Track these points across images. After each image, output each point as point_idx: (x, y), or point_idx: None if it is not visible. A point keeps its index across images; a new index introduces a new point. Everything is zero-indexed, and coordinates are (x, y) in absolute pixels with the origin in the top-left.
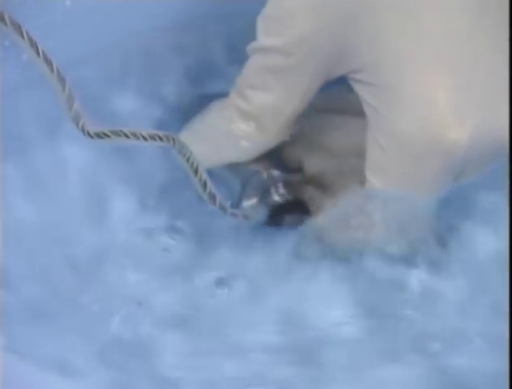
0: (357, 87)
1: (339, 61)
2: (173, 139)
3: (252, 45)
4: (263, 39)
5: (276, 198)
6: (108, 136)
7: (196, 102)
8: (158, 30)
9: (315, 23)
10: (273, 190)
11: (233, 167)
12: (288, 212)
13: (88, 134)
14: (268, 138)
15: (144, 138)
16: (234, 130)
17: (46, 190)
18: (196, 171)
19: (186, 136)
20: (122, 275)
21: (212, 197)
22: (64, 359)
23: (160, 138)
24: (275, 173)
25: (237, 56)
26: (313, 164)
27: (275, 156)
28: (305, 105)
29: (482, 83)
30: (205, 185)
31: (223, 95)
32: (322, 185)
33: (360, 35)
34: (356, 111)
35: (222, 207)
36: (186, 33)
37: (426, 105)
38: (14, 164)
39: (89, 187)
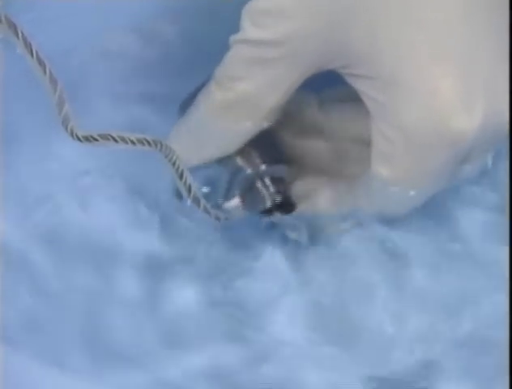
0: (355, 82)
1: (332, 55)
2: (161, 144)
3: (236, 36)
4: (251, 31)
5: (267, 198)
6: (97, 140)
7: (185, 98)
8: (150, 22)
9: (308, 17)
10: (260, 187)
11: (219, 162)
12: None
13: (77, 137)
14: (249, 129)
15: (132, 143)
16: (215, 124)
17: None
18: (181, 175)
19: (170, 136)
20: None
21: (196, 201)
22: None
23: (148, 143)
24: (263, 166)
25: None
26: (309, 150)
27: (264, 144)
28: (289, 97)
29: (484, 69)
30: (189, 189)
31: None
32: (317, 172)
33: (357, 28)
34: (353, 97)
35: (206, 211)
36: (176, 26)
37: (431, 94)
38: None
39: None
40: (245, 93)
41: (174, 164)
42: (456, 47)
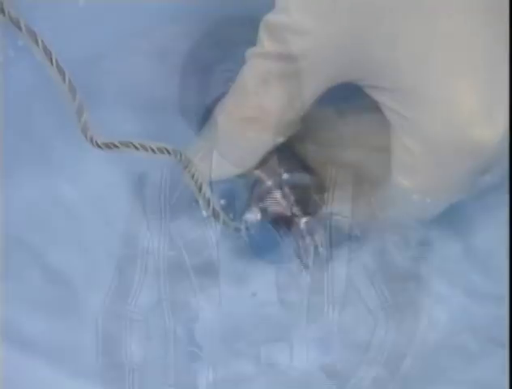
0: (376, 94)
1: (350, 69)
2: (180, 154)
3: (253, 50)
4: (269, 44)
5: (286, 208)
6: (117, 147)
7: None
8: (170, 30)
9: (326, 32)
10: (279, 198)
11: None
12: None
13: (97, 144)
14: (267, 143)
15: (152, 151)
16: (232, 139)
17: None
18: (200, 188)
19: (190, 150)
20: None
21: (216, 214)
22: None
23: (168, 152)
24: (284, 174)
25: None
26: (328, 160)
27: (284, 154)
28: (307, 110)
29: (505, 78)
30: (208, 202)
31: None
32: (335, 181)
33: (376, 42)
34: (371, 107)
35: (225, 223)
36: (197, 32)
37: (452, 106)
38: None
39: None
40: (262, 108)
41: (193, 176)
42: (477, 58)
